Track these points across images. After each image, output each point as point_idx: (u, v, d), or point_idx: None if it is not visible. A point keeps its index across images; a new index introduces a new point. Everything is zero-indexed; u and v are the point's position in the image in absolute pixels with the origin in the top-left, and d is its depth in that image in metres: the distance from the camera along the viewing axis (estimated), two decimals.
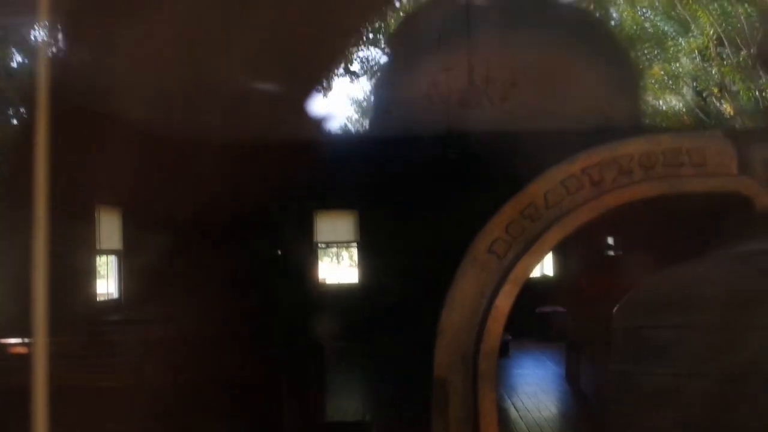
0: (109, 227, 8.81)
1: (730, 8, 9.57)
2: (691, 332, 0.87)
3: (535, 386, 7.26)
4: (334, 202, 11.60)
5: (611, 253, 11.10)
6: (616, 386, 0.97)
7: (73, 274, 8.02)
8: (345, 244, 12.02)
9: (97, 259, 8.29)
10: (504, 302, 0.81)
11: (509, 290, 0.83)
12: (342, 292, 11.67)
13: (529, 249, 0.90)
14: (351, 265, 12.47)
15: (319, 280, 11.62)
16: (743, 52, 9.46)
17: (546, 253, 0.89)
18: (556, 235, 0.88)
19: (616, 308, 1.02)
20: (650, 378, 0.90)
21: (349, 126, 10.56)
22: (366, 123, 10.20)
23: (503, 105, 7.47)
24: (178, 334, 6.43)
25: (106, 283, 8.58)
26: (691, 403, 0.81)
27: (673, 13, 10.37)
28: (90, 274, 8.20)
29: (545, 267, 11.08)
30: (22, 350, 5.71)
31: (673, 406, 0.83)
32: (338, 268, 11.99)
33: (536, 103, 8.84)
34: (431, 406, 0.68)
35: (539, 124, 9.96)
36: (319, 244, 11.79)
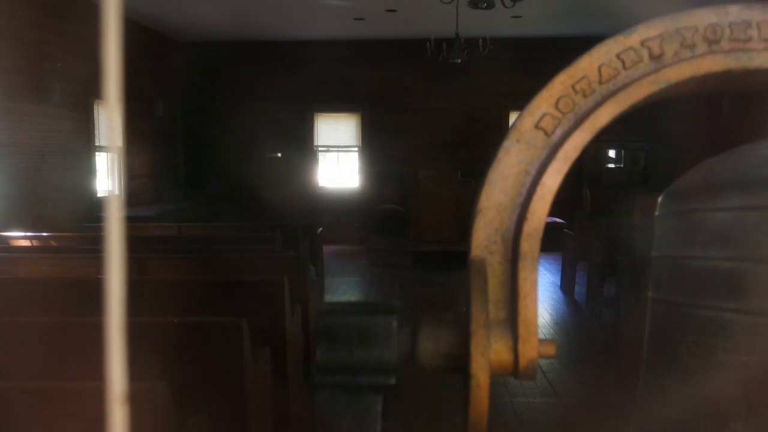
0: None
1: None
2: (752, 214, 0.80)
3: None
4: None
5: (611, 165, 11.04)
6: (661, 273, 0.91)
7: (76, 171, 7.93)
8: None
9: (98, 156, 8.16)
10: (552, 180, 0.74)
11: (558, 167, 0.76)
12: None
13: (580, 125, 0.82)
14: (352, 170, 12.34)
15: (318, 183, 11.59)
16: None
17: (598, 131, 0.81)
18: (610, 111, 0.80)
19: (663, 193, 0.94)
20: (703, 262, 0.83)
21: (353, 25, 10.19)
22: (370, 23, 9.80)
23: (514, 8, 7.19)
24: (179, 233, 6.43)
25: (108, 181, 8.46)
26: (751, 288, 0.75)
27: None
28: (90, 171, 8.11)
29: None
30: (24, 243, 5.69)
31: (729, 291, 0.77)
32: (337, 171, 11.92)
33: (550, 7, 8.53)
34: (465, 288, 0.64)
35: (550, 29, 9.64)
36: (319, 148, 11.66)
